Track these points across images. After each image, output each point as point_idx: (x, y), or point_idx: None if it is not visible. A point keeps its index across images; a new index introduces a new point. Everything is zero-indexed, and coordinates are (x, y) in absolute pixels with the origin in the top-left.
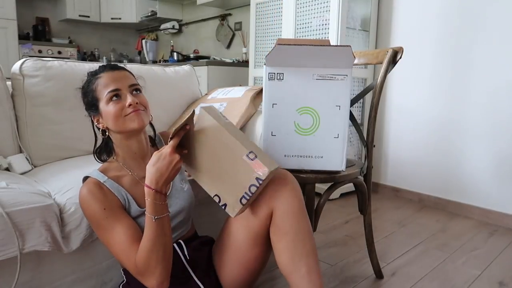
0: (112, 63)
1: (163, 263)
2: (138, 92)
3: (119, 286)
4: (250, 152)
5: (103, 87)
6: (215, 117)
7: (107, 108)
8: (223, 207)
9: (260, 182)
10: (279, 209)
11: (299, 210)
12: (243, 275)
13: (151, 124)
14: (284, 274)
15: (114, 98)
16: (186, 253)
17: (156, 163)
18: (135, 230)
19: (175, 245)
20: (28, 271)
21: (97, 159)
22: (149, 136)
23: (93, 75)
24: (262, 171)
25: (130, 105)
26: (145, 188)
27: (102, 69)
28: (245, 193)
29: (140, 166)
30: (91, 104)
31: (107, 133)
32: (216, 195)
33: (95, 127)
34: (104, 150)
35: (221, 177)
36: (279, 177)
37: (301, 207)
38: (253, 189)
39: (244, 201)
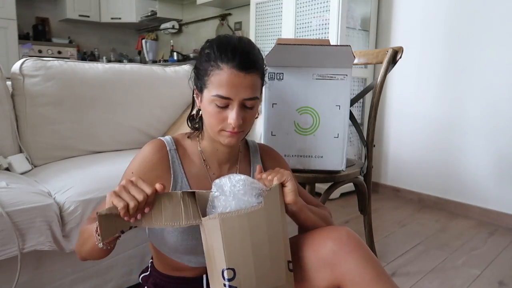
0: (244, 56)
1: (87, 255)
2: (250, 108)
3: (140, 275)
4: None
5: (216, 84)
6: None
7: (208, 105)
8: None
9: None
10: (349, 281)
11: (377, 276)
12: None
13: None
14: None
15: (219, 104)
16: None
17: None
18: None
19: (204, 276)
20: (28, 271)
21: (188, 123)
22: (246, 140)
23: (216, 56)
24: None
25: (230, 124)
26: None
27: (231, 59)
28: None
29: (215, 164)
30: (198, 80)
31: (200, 113)
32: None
33: (193, 97)
34: (196, 121)
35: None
36: (337, 237)
37: (377, 270)
38: None
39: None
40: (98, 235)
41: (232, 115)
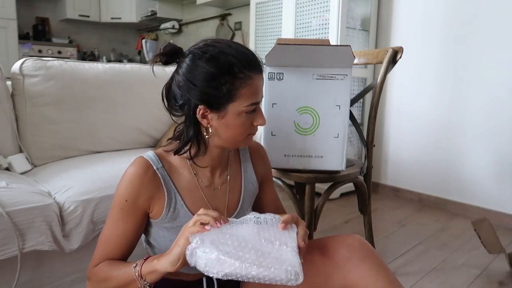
0: (258, 59)
1: None
2: None
3: None
4: None
5: (251, 94)
6: None
7: (236, 118)
8: None
9: None
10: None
11: (390, 283)
12: None
13: None
14: None
15: (250, 111)
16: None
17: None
18: (124, 243)
19: (204, 279)
20: (28, 271)
21: (190, 154)
22: None
23: (244, 66)
24: None
25: (258, 125)
26: (165, 260)
27: (254, 66)
28: None
29: (206, 172)
30: (213, 98)
31: (210, 130)
32: None
33: (193, 117)
34: (193, 146)
35: None
36: (350, 244)
37: (389, 277)
38: None
39: None
40: (144, 280)
41: (260, 116)
